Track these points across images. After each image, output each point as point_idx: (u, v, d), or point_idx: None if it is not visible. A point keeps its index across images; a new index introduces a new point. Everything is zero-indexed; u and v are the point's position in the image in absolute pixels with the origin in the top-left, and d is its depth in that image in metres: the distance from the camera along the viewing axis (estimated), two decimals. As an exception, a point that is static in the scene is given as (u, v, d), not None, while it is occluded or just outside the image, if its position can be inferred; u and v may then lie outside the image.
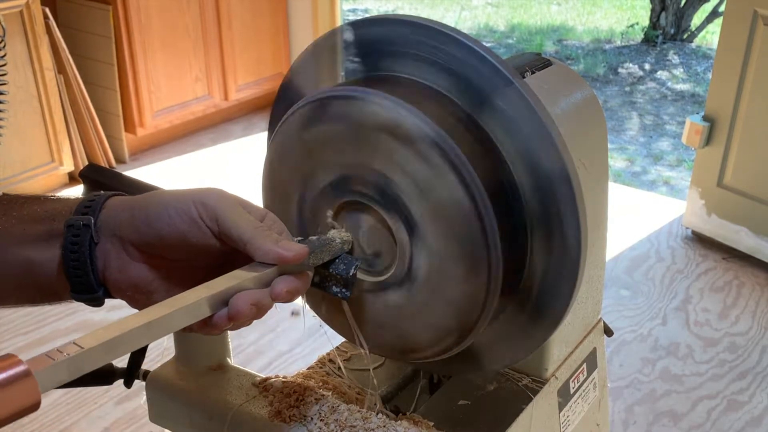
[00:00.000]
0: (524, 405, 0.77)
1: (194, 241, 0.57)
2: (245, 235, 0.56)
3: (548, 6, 7.50)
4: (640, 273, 2.72)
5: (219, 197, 0.58)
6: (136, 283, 0.58)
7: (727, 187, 2.70)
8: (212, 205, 0.57)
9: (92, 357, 0.46)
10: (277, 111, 0.76)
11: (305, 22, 3.98)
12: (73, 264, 0.57)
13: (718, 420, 2.02)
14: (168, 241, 0.57)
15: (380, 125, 0.61)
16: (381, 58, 0.67)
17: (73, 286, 0.58)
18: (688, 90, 5.38)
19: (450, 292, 0.64)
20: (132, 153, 3.57)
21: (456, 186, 0.59)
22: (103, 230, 0.58)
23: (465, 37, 0.63)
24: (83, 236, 0.57)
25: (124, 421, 1.99)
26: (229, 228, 0.56)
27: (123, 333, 0.48)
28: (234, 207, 0.58)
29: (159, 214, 0.57)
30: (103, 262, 0.58)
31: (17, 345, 2.27)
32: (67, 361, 0.44)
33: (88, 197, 0.60)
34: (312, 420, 0.70)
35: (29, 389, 0.42)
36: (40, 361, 0.44)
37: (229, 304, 0.55)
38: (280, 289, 0.56)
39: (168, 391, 0.80)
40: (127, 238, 0.57)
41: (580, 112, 0.78)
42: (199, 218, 0.56)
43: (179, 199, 0.57)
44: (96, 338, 0.47)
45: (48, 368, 0.43)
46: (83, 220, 0.57)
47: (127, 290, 0.59)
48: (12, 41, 2.85)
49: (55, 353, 0.45)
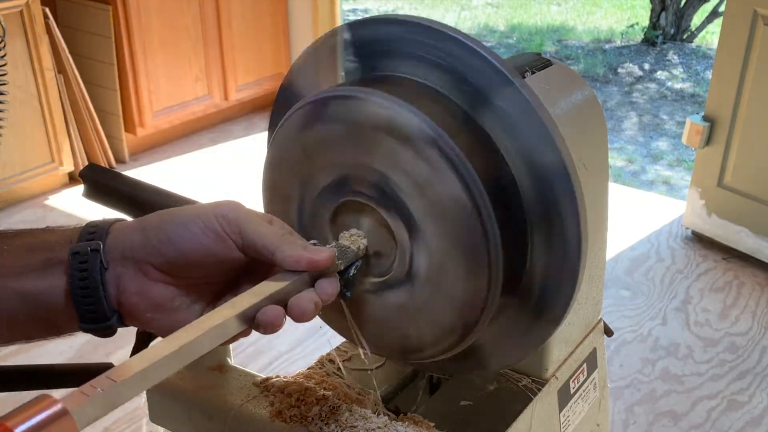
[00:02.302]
0: (524, 405, 0.77)
1: (221, 256, 0.56)
2: (272, 245, 0.56)
3: (548, 6, 7.50)
4: (640, 273, 2.72)
5: (239, 210, 0.57)
6: (158, 303, 0.57)
7: (727, 187, 2.70)
8: (234, 218, 0.56)
9: (126, 390, 0.46)
10: (277, 111, 0.76)
11: (305, 22, 3.98)
12: (82, 292, 0.55)
13: (718, 420, 2.02)
14: (192, 258, 0.56)
15: (379, 124, 0.61)
16: (380, 58, 0.67)
17: (82, 315, 0.56)
18: (687, 90, 5.38)
19: (451, 291, 0.64)
20: (132, 153, 3.57)
21: (455, 184, 0.59)
22: (111, 255, 0.56)
23: (463, 36, 0.63)
24: (92, 262, 0.55)
25: (124, 421, 1.99)
26: (254, 240, 0.56)
27: (156, 361, 0.47)
28: (254, 218, 0.57)
29: (182, 233, 0.56)
30: (116, 287, 0.56)
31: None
32: (102, 396, 0.44)
33: (90, 224, 0.58)
34: (312, 420, 0.70)
35: (67, 428, 0.41)
36: (76, 398, 0.43)
37: (290, 305, 0.55)
38: (330, 290, 0.58)
39: (168, 391, 0.80)
40: (143, 259, 0.56)
41: (580, 112, 0.78)
42: (223, 232, 0.56)
43: (200, 216, 0.56)
44: (129, 370, 0.46)
45: (84, 406, 0.43)
46: (90, 245, 0.55)
47: (147, 311, 0.57)
48: (12, 41, 2.85)
49: (89, 389, 0.44)
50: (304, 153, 0.67)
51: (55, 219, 3.01)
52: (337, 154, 0.65)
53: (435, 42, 0.64)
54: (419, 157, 0.60)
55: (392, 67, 0.67)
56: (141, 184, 0.83)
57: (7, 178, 3.01)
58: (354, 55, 0.69)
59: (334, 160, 0.65)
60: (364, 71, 0.69)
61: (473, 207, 0.60)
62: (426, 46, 0.64)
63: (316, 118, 0.65)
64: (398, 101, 0.61)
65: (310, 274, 0.58)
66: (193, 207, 0.58)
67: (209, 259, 0.56)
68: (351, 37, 0.68)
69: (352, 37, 0.68)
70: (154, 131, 3.55)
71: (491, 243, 0.61)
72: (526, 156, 0.62)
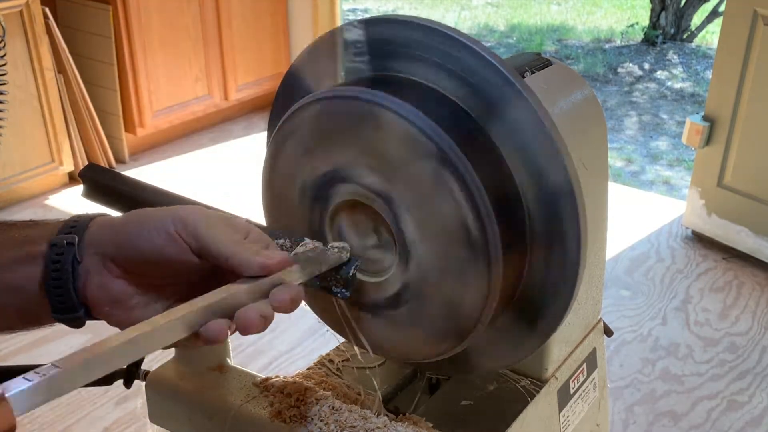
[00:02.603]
0: (524, 405, 0.77)
1: (173, 257, 0.57)
2: (226, 251, 0.56)
3: (548, 6, 7.49)
4: (640, 273, 2.72)
5: (198, 214, 0.58)
6: (116, 298, 0.58)
7: (727, 187, 2.70)
8: (192, 222, 0.57)
9: (71, 377, 0.45)
10: (277, 111, 0.76)
11: (305, 22, 3.98)
12: (54, 283, 0.57)
13: (718, 420, 2.02)
14: (147, 257, 0.57)
15: (383, 128, 0.61)
16: (387, 58, 0.67)
17: (54, 305, 0.58)
18: (687, 90, 5.38)
19: (448, 297, 0.64)
20: (132, 153, 3.57)
21: (460, 196, 0.60)
22: (86, 249, 0.58)
23: (479, 45, 0.62)
24: (66, 254, 0.57)
25: (124, 421, 1.99)
26: (208, 244, 0.56)
27: (104, 352, 0.47)
28: (214, 223, 0.58)
29: (138, 231, 0.57)
30: (84, 279, 0.58)
31: (21, 345, 2.27)
32: (45, 382, 0.44)
33: (73, 217, 0.60)
34: (312, 420, 0.70)
35: (2, 413, 0.41)
36: (16, 383, 0.43)
37: (236, 317, 0.54)
38: (282, 297, 0.56)
39: (168, 391, 0.80)
40: (108, 254, 0.58)
41: (580, 112, 0.78)
42: (176, 234, 0.57)
43: (158, 217, 0.58)
44: (76, 358, 0.46)
45: (23, 391, 0.42)
46: (67, 238, 0.57)
47: (106, 306, 0.58)
48: (12, 41, 2.85)
49: (32, 375, 0.44)
50: (304, 152, 0.67)
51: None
52: (339, 155, 0.65)
53: (446, 47, 0.63)
54: (426, 165, 0.60)
55: (399, 68, 0.66)
56: (141, 184, 0.83)
57: (7, 178, 3.01)
58: (360, 54, 0.68)
59: (335, 160, 0.65)
60: (370, 71, 0.68)
61: (477, 220, 0.60)
62: (437, 51, 0.64)
63: (318, 118, 0.65)
64: (404, 105, 0.60)
65: (272, 281, 0.57)
66: (160, 208, 0.59)
67: (162, 260, 0.57)
68: (358, 36, 0.68)
69: (359, 35, 0.68)
70: (154, 131, 3.55)
71: (492, 256, 0.61)
72: (533, 171, 0.62)
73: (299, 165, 0.68)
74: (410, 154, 0.61)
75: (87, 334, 0.60)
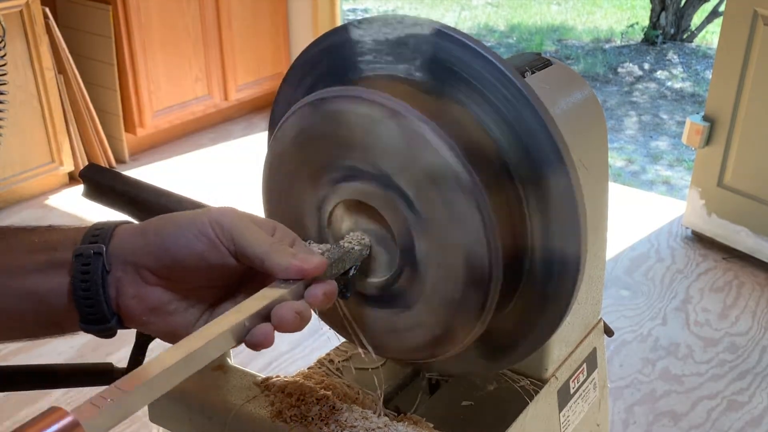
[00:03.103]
0: (524, 405, 0.77)
1: (213, 262, 0.56)
2: (262, 253, 0.56)
3: (548, 6, 7.49)
4: (640, 273, 2.72)
5: (233, 216, 0.57)
6: (154, 306, 0.57)
7: (727, 187, 2.70)
8: (227, 224, 0.56)
9: (136, 399, 0.46)
10: (277, 111, 0.76)
11: (305, 22, 3.98)
12: (84, 294, 0.56)
13: (718, 420, 2.02)
14: (186, 263, 0.56)
15: (395, 136, 0.61)
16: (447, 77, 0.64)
17: (83, 316, 0.57)
18: (687, 90, 5.38)
19: (447, 302, 0.64)
20: (132, 153, 3.57)
21: (477, 233, 0.60)
22: (114, 258, 0.56)
23: (542, 107, 0.61)
24: (94, 265, 0.56)
25: (124, 421, 1.99)
26: (244, 247, 0.56)
27: (163, 371, 0.47)
28: (248, 225, 0.57)
29: (176, 238, 0.56)
30: (116, 290, 0.57)
31: (21, 344, 2.27)
32: (112, 406, 0.44)
33: (94, 225, 0.59)
34: (312, 420, 0.70)
35: None
36: (86, 409, 0.43)
37: (272, 314, 0.54)
38: (317, 293, 0.57)
39: (168, 391, 0.80)
40: (142, 264, 0.56)
41: (580, 112, 0.78)
42: (216, 239, 0.56)
43: (195, 222, 0.57)
44: (137, 379, 0.46)
45: (95, 417, 0.43)
46: (93, 248, 0.56)
47: (143, 315, 0.57)
48: (12, 41, 2.85)
49: (98, 400, 0.44)
50: (304, 152, 0.67)
51: (55, 219, 3.00)
52: (340, 155, 0.65)
53: (507, 92, 0.61)
54: (445, 196, 0.60)
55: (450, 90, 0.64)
56: (141, 184, 0.83)
57: (7, 178, 3.01)
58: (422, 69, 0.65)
59: (336, 161, 0.65)
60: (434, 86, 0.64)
61: (487, 267, 0.60)
62: (498, 93, 0.62)
63: (319, 118, 0.65)
64: (418, 114, 0.60)
65: (305, 281, 0.57)
66: (191, 212, 0.58)
67: (202, 265, 0.56)
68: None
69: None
70: (154, 131, 3.55)
71: (491, 288, 0.62)
72: (552, 238, 0.63)
73: (299, 167, 0.68)
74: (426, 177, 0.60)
75: (87, 334, 0.59)
